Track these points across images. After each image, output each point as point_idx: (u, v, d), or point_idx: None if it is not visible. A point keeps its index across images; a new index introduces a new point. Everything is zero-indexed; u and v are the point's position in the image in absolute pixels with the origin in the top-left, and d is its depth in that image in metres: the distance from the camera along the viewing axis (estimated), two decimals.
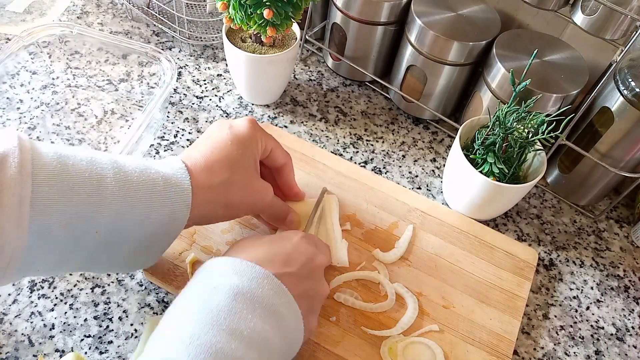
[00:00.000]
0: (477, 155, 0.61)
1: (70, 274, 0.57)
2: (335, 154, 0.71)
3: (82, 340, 0.53)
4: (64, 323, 0.53)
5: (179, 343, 0.38)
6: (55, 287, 0.56)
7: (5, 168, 0.38)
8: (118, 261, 0.47)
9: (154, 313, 0.55)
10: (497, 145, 0.60)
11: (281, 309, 0.43)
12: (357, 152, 0.73)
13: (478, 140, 0.61)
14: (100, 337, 0.53)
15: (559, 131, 0.57)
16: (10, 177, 0.38)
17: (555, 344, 0.59)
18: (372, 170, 0.71)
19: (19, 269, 0.41)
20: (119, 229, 0.43)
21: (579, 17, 0.59)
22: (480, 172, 0.60)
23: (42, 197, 0.39)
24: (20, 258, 0.40)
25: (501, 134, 0.59)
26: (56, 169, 0.41)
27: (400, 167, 0.73)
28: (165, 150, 0.69)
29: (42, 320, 0.53)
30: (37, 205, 0.39)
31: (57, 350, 0.52)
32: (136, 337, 0.53)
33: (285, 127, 0.74)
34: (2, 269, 0.39)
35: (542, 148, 0.61)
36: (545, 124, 0.58)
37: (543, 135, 0.57)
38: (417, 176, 0.72)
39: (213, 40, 0.82)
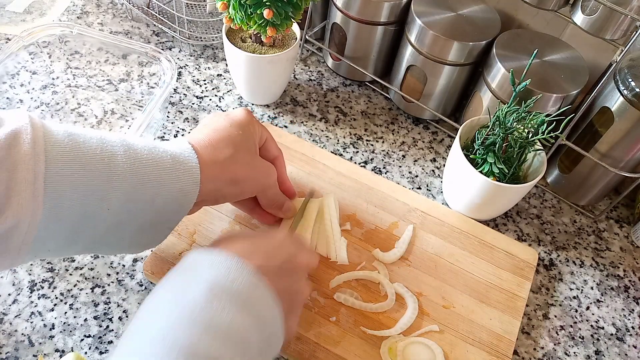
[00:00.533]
0: (477, 155, 0.61)
1: (70, 274, 0.57)
2: (335, 154, 0.71)
3: (82, 340, 0.53)
4: (64, 323, 0.53)
5: (149, 340, 0.36)
6: (55, 287, 0.56)
7: (19, 144, 0.38)
8: (126, 241, 0.47)
9: None
10: (497, 145, 0.60)
11: (260, 303, 0.42)
12: (357, 152, 0.73)
13: (478, 140, 0.61)
14: (100, 337, 0.53)
15: (559, 131, 0.57)
16: (25, 152, 0.38)
17: (555, 344, 0.59)
18: (372, 170, 0.71)
19: (32, 247, 0.41)
20: (130, 206, 0.43)
21: (579, 17, 0.59)
22: (480, 172, 0.60)
23: (55, 174, 0.39)
24: (34, 236, 0.40)
25: (501, 134, 0.59)
26: (68, 146, 0.41)
27: (400, 167, 0.73)
28: None
29: (42, 320, 0.53)
30: (51, 181, 0.39)
31: (57, 350, 0.52)
32: None
33: (285, 127, 0.74)
34: (17, 248, 0.40)
35: (542, 148, 0.61)
36: (545, 124, 0.58)
37: (543, 135, 0.57)
38: (417, 176, 0.72)
39: (213, 40, 0.82)
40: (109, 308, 0.55)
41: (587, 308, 0.63)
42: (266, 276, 0.43)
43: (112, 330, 0.54)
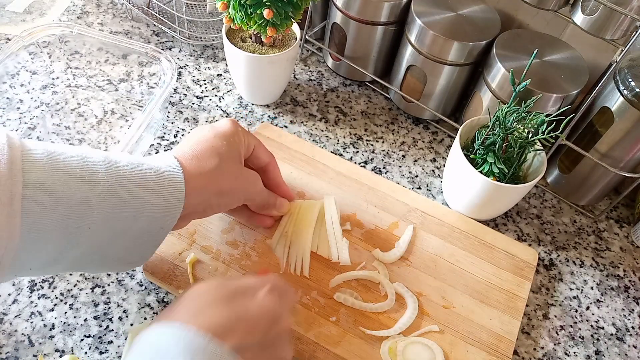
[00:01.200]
0: (477, 155, 0.61)
1: (70, 274, 0.57)
2: (335, 154, 0.71)
3: (82, 340, 0.53)
4: (64, 323, 0.53)
5: None
6: (55, 287, 0.56)
7: None
8: (111, 259, 0.46)
9: (154, 313, 0.55)
10: (497, 145, 0.60)
11: None
12: (357, 152, 0.73)
13: (478, 140, 0.61)
14: (100, 337, 0.53)
15: (558, 131, 0.57)
16: (1, 173, 0.37)
17: (555, 344, 0.59)
18: (372, 170, 0.71)
19: (11, 268, 0.40)
20: (112, 224, 0.43)
21: (579, 17, 0.59)
22: (480, 172, 0.60)
23: (33, 194, 0.39)
24: (12, 256, 0.39)
25: (501, 134, 0.59)
26: (47, 165, 0.40)
27: (400, 167, 0.73)
28: (165, 150, 0.69)
29: (42, 320, 0.53)
30: (29, 202, 0.38)
31: (57, 350, 0.52)
32: None
33: (285, 127, 0.74)
34: None
35: (542, 148, 0.61)
36: (545, 124, 0.58)
37: (543, 135, 0.57)
38: (417, 176, 0.72)
39: (213, 40, 0.82)
40: (109, 308, 0.55)
41: (587, 308, 0.63)
42: (246, 353, 0.39)
43: (112, 330, 0.53)
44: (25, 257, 0.40)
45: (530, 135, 0.60)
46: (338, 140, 0.74)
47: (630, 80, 0.59)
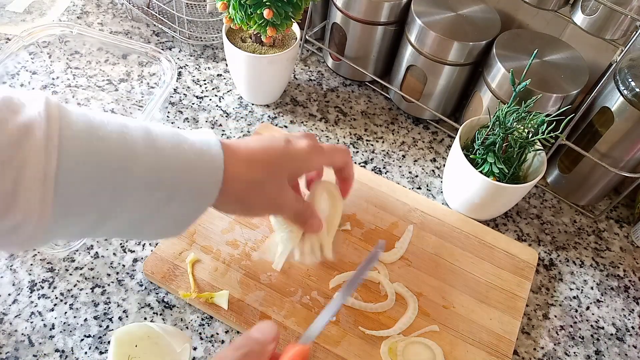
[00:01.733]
0: (477, 155, 0.61)
1: (71, 274, 0.57)
2: None
3: (82, 340, 0.53)
4: (64, 323, 0.53)
5: None
6: (55, 287, 0.56)
7: (31, 139, 0.35)
8: (146, 232, 0.45)
9: (154, 313, 0.55)
10: (497, 145, 0.60)
11: None
12: (357, 152, 0.73)
13: (478, 140, 0.61)
14: (100, 337, 0.53)
15: (558, 131, 0.57)
16: (36, 150, 0.35)
17: (555, 344, 0.59)
18: (372, 170, 0.71)
19: (43, 239, 0.39)
20: (146, 205, 0.41)
21: (579, 17, 0.59)
22: (480, 172, 0.60)
23: (67, 173, 0.37)
24: (44, 231, 0.38)
25: (501, 134, 0.59)
26: (85, 142, 0.38)
27: (400, 167, 0.73)
28: None
29: (42, 320, 0.53)
30: (62, 182, 0.36)
31: (57, 350, 0.52)
32: None
33: (285, 127, 0.74)
34: (26, 241, 0.38)
35: (542, 148, 0.61)
36: (545, 124, 0.58)
37: (543, 135, 0.57)
38: (417, 176, 0.72)
39: (213, 40, 0.82)
40: (109, 308, 0.55)
41: (587, 308, 0.63)
42: None
43: (112, 330, 0.53)
44: (56, 232, 0.39)
45: (530, 135, 0.60)
46: (338, 140, 0.74)
47: (630, 80, 0.59)
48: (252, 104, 0.76)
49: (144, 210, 0.42)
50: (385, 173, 0.72)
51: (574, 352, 0.59)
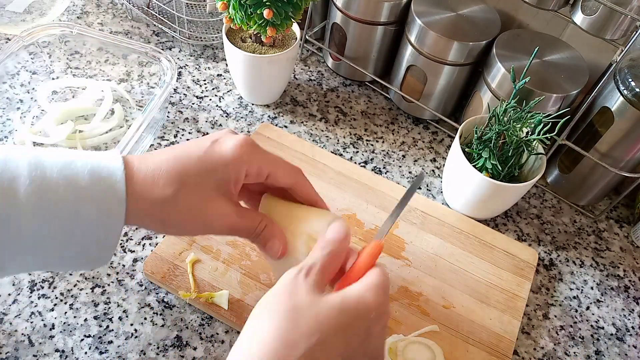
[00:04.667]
0: (474, 150, 0.62)
1: (70, 274, 0.57)
2: (335, 154, 0.71)
3: (82, 340, 0.53)
4: (64, 323, 0.53)
5: None
6: (55, 287, 0.56)
7: None
8: (63, 264, 0.41)
9: (154, 313, 0.55)
10: (492, 142, 0.60)
11: None
12: (357, 152, 0.73)
13: (476, 135, 0.61)
14: (100, 337, 0.53)
15: (555, 132, 0.57)
16: None
17: (555, 344, 0.59)
18: (372, 170, 0.71)
19: None
20: (47, 233, 0.37)
21: (579, 17, 0.59)
22: (474, 166, 0.60)
23: None
24: None
25: (496, 130, 0.59)
26: None
27: (400, 167, 0.73)
28: None
29: (42, 320, 0.53)
30: None
31: (57, 350, 0.52)
32: (136, 337, 0.53)
33: (285, 127, 0.74)
34: None
35: (543, 152, 0.61)
36: (542, 124, 0.58)
37: (539, 135, 0.57)
38: (417, 176, 0.72)
39: (213, 40, 0.82)
40: (109, 308, 0.55)
41: (587, 308, 0.63)
42: None
43: (112, 330, 0.53)
44: None
45: (527, 135, 0.60)
46: (338, 140, 0.74)
47: (630, 80, 0.59)
48: (252, 104, 0.76)
49: (48, 238, 0.38)
50: (385, 173, 0.72)
51: (574, 352, 0.59)
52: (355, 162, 0.72)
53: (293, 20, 0.65)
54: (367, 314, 0.38)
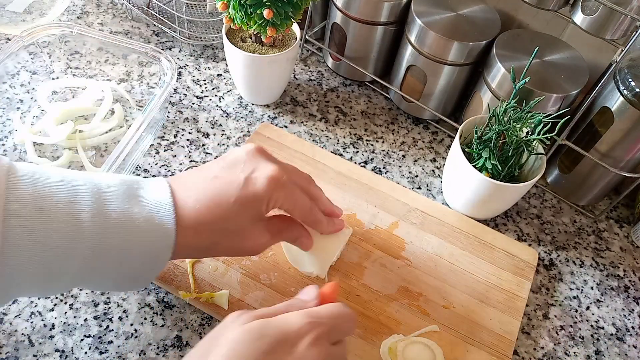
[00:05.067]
0: (474, 150, 0.62)
1: None
2: (335, 154, 0.71)
3: (82, 340, 0.53)
4: (64, 323, 0.53)
5: None
6: None
7: None
8: (102, 287, 0.48)
9: (154, 313, 0.55)
10: (492, 142, 0.60)
11: None
12: (357, 152, 0.73)
13: (476, 135, 0.62)
14: (100, 337, 0.53)
15: (555, 132, 0.57)
16: None
17: (555, 344, 0.59)
18: (372, 170, 0.71)
19: None
20: (95, 268, 0.42)
21: (579, 17, 0.59)
22: (474, 166, 0.60)
23: (14, 245, 0.38)
24: None
25: (497, 130, 0.59)
26: (31, 214, 0.39)
27: (400, 167, 0.73)
28: (165, 151, 0.69)
29: (42, 320, 0.53)
30: (10, 253, 0.38)
31: (57, 350, 0.52)
32: (136, 337, 0.53)
33: (285, 127, 0.74)
34: None
35: (543, 152, 0.61)
36: (542, 124, 0.58)
37: (539, 135, 0.57)
38: (417, 176, 0.72)
39: (213, 40, 0.82)
40: (109, 308, 0.55)
41: (587, 308, 0.63)
42: None
43: (112, 330, 0.53)
44: (9, 295, 0.41)
45: (527, 135, 0.60)
46: (338, 140, 0.74)
47: (630, 80, 0.59)
48: (252, 104, 0.76)
49: (92, 273, 0.42)
50: (385, 173, 0.72)
51: (574, 352, 0.59)
52: (355, 162, 0.72)
53: (293, 20, 0.65)
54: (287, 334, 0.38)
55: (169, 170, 0.67)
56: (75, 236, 0.40)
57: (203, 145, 0.70)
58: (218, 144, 0.70)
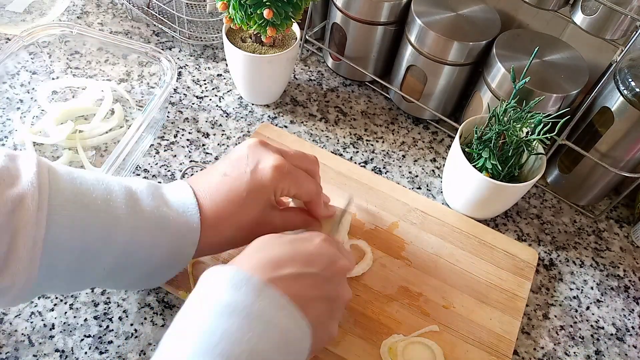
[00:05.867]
0: (474, 150, 0.62)
1: None
2: (336, 154, 0.71)
3: (82, 340, 0.53)
4: (64, 323, 0.53)
5: None
6: None
7: (23, 209, 0.39)
8: (123, 284, 0.50)
9: (154, 313, 0.55)
10: (492, 142, 0.60)
11: (284, 322, 0.39)
12: (357, 152, 0.73)
13: (476, 135, 0.62)
14: (100, 337, 0.53)
15: (555, 132, 0.57)
16: (27, 219, 0.39)
17: (555, 344, 0.59)
18: (372, 170, 0.71)
19: (27, 296, 0.43)
20: (125, 263, 0.45)
21: (579, 17, 0.59)
22: (474, 166, 0.60)
23: (54, 239, 0.40)
24: (27, 292, 0.41)
25: (496, 130, 0.59)
26: (71, 210, 0.41)
27: (400, 167, 0.73)
28: (165, 150, 0.69)
29: (42, 320, 0.53)
30: (49, 247, 0.40)
31: (57, 350, 0.52)
32: (136, 337, 0.53)
33: (285, 127, 0.74)
34: (11, 300, 0.42)
35: (543, 152, 0.61)
36: (542, 124, 0.58)
37: (539, 135, 0.57)
38: (417, 176, 0.72)
39: (213, 40, 0.82)
40: (109, 308, 0.55)
41: (587, 308, 0.63)
42: (304, 282, 0.42)
43: (112, 330, 0.53)
44: (41, 290, 0.43)
45: (527, 135, 0.60)
46: (338, 140, 0.74)
47: (630, 80, 0.59)
48: (252, 104, 0.76)
49: (120, 270, 0.45)
50: (385, 173, 0.72)
51: (574, 352, 0.59)
52: (355, 162, 0.72)
53: (293, 20, 0.65)
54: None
55: (168, 170, 0.67)
56: (110, 232, 0.42)
57: (203, 145, 0.70)
58: (218, 144, 0.70)
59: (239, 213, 0.48)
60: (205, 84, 0.78)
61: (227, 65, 0.80)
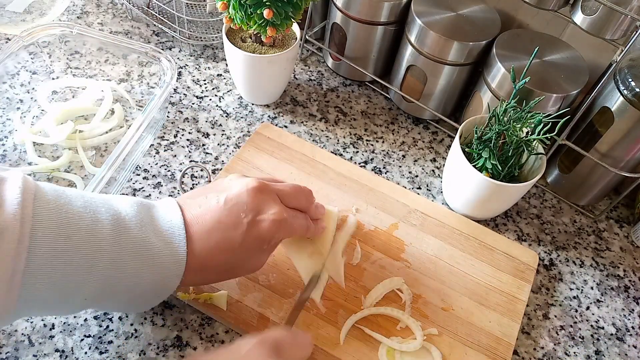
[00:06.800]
0: (474, 150, 0.62)
1: None
2: (336, 154, 0.71)
3: (82, 340, 0.53)
4: (64, 323, 0.54)
5: None
6: None
7: (3, 241, 0.38)
8: (107, 309, 0.52)
9: (154, 313, 0.55)
10: (492, 142, 0.60)
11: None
12: (357, 152, 0.73)
13: (476, 135, 0.61)
14: (100, 337, 0.53)
15: (555, 132, 0.57)
16: (7, 251, 0.38)
17: (555, 344, 0.59)
18: (372, 170, 0.71)
19: (2, 324, 0.43)
20: (107, 291, 0.44)
21: (579, 17, 0.59)
22: (474, 166, 0.60)
23: (35, 270, 0.39)
24: (5, 319, 0.41)
25: (496, 130, 0.59)
26: (54, 241, 0.40)
27: (400, 167, 0.72)
28: (165, 150, 0.69)
29: (42, 320, 0.54)
30: (29, 277, 0.39)
31: (57, 350, 0.52)
32: (136, 337, 0.53)
33: (285, 127, 0.74)
34: None
35: (543, 152, 0.61)
36: (542, 124, 0.58)
37: (539, 135, 0.57)
38: (417, 176, 0.72)
39: (213, 40, 0.82)
40: None
41: (587, 308, 0.63)
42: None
43: (112, 330, 0.54)
44: (19, 316, 0.43)
45: (527, 135, 0.60)
46: (338, 140, 0.74)
47: (630, 80, 0.59)
48: (252, 104, 0.76)
49: (102, 299, 0.45)
50: (385, 173, 0.71)
51: (574, 352, 0.59)
52: (355, 162, 0.72)
53: (293, 20, 0.65)
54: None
55: (168, 170, 0.67)
56: (93, 263, 0.42)
57: (203, 145, 0.70)
58: (218, 144, 0.70)
59: (228, 262, 0.48)
60: (205, 84, 0.78)
61: (227, 65, 0.80)
